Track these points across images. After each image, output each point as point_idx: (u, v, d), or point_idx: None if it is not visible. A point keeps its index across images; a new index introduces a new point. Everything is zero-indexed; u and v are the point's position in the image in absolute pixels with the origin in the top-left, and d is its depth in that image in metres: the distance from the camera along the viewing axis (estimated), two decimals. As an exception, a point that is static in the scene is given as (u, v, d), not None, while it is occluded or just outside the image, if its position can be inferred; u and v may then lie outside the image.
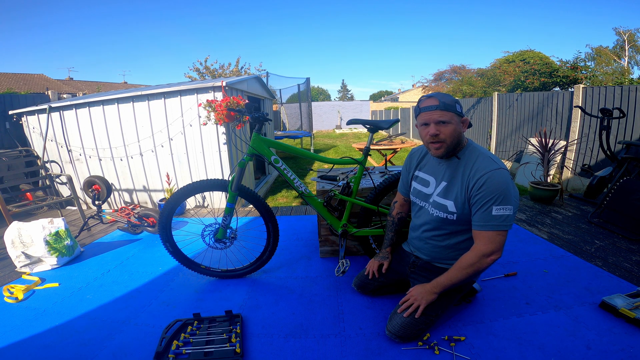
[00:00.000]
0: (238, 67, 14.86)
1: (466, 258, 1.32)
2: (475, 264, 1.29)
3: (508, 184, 1.24)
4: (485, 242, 1.27)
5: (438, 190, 1.41)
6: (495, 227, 1.24)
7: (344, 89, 61.27)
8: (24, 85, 15.65)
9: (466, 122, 1.33)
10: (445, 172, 1.39)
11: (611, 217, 2.61)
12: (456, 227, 1.39)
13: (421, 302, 1.37)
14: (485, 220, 1.26)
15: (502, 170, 1.26)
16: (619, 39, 17.32)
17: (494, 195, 1.23)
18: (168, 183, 3.53)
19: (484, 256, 1.27)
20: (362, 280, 1.73)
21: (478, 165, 1.29)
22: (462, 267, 1.32)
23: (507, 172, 1.27)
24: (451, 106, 1.27)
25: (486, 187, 1.24)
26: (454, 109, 1.28)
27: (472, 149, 1.36)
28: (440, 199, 1.39)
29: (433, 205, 1.42)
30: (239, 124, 3.26)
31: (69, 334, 1.53)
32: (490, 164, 1.27)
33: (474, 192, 1.27)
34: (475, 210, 1.29)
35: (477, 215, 1.28)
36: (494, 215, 1.24)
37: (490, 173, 1.24)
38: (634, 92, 3.68)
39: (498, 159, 1.31)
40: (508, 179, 1.25)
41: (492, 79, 11.18)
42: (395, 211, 1.73)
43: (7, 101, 3.95)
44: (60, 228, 2.29)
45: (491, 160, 1.29)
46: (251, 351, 1.38)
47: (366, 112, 21.74)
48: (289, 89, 11.49)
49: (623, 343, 1.32)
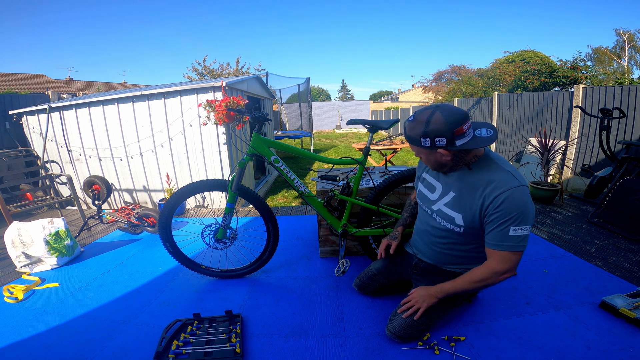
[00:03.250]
0: (238, 67, 14.86)
1: (477, 273, 1.26)
2: (487, 280, 1.24)
3: (527, 202, 1.14)
4: (499, 261, 1.20)
5: (446, 200, 1.33)
6: (511, 247, 1.16)
7: (344, 89, 61.28)
8: (24, 85, 15.64)
9: (446, 154, 1.17)
10: (455, 182, 1.29)
11: (611, 217, 2.61)
12: (462, 238, 1.33)
13: (422, 304, 1.36)
14: (500, 240, 1.17)
15: (522, 188, 1.15)
16: (619, 39, 17.33)
17: (513, 215, 1.13)
18: (168, 183, 3.53)
19: (497, 274, 1.21)
20: (363, 281, 1.73)
21: (496, 181, 1.17)
22: (472, 280, 1.27)
23: (527, 189, 1.17)
24: (414, 140, 1.19)
25: (505, 207, 1.14)
26: (417, 144, 1.18)
27: (489, 160, 1.24)
28: (448, 209, 1.31)
29: (438, 214, 1.36)
30: (239, 124, 3.26)
31: (69, 334, 1.53)
32: (510, 180, 1.16)
33: (491, 210, 1.17)
34: (490, 229, 1.20)
35: (492, 234, 1.19)
36: (510, 235, 1.15)
37: (510, 191, 1.13)
38: (634, 92, 3.68)
39: (518, 173, 1.20)
40: (528, 197, 1.15)
41: (492, 79, 11.18)
42: (413, 195, 1.70)
43: (7, 101, 3.95)
44: (60, 228, 2.29)
45: (511, 175, 1.17)
46: (251, 351, 1.38)
47: (366, 112, 21.74)
48: (289, 89, 11.49)
49: (623, 343, 1.32)
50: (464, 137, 1.14)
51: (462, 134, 1.14)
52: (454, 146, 1.14)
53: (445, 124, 1.12)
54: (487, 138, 1.18)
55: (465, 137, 1.15)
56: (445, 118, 1.12)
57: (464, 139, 1.15)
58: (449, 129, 1.12)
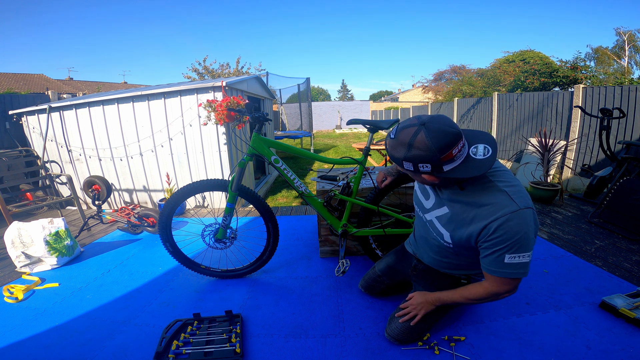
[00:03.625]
0: (238, 67, 14.86)
1: (474, 291, 1.21)
2: (484, 299, 1.19)
3: (528, 228, 1.01)
4: (496, 285, 1.13)
5: (438, 214, 1.23)
6: (508, 274, 1.07)
7: (344, 89, 61.29)
8: (24, 85, 15.64)
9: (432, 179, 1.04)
10: (447, 198, 1.17)
11: (611, 217, 2.61)
12: (456, 250, 1.24)
13: (420, 311, 1.35)
14: (495, 267, 1.08)
15: (519, 213, 1.00)
16: (619, 39, 17.33)
17: (507, 244, 1.02)
18: (168, 183, 3.53)
19: (496, 295, 1.16)
20: (368, 282, 1.73)
21: (490, 205, 1.04)
22: (468, 297, 1.23)
23: (529, 212, 1.01)
24: (396, 160, 1.05)
25: (498, 235, 1.02)
26: (400, 165, 1.05)
27: (485, 180, 1.08)
28: (439, 224, 1.23)
29: (430, 225, 1.29)
30: (239, 124, 3.26)
31: (69, 334, 1.53)
32: (505, 203, 1.01)
33: (483, 237, 1.06)
34: (484, 254, 1.10)
35: (487, 260, 1.09)
36: (506, 263, 1.05)
37: (504, 218, 1.00)
38: (634, 92, 3.68)
39: (519, 193, 1.04)
40: (528, 221, 1.01)
41: (492, 79, 11.18)
42: None
43: (7, 101, 3.95)
44: (60, 228, 2.29)
45: (507, 197, 1.02)
46: (251, 351, 1.38)
47: (366, 112, 21.74)
48: (289, 89, 11.50)
49: (623, 343, 1.32)
50: (453, 162, 0.98)
51: (451, 159, 0.97)
52: (440, 172, 0.99)
53: (429, 150, 0.95)
54: (481, 162, 0.99)
55: (456, 160, 0.98)
56: (430, 142, 0.94)
57: (454, 163, 0.98)
58: (434, 156, 0.95)
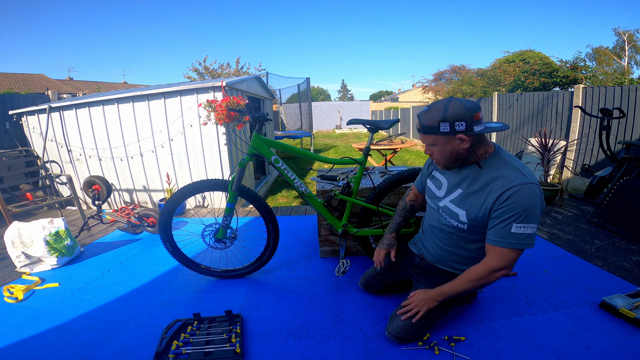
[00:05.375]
0: (238, 67, 14.87)
1: (475, 271, 1.26)
2: (484, 278, 1.24)
3: (536, 200, 1.13)
4: (496, 258, 1.20)
5: (452, 197, 1.33)
6: (512, 244, 1.16)
7: (344, 89, 61.30)
8: (24, 85, 15.64)
9: (465, 139, 1.16)
10: (463, 179, 1.29)
11: (611, 217, 2.61)
12: (467, 235, 1.33)
13: (422, 308, 1.36)
14: (501, 237, 1.17)
15: (530, 185, 1.13)
16: (619, 39, 17.34)
17: (517, 212, 1.13)
18: (168, 183, 3.53)
19: (493, 271, 1.22)
20: (368, 280, 1.74)
21: (505, 177, 1.17)
22: (470, 279, 1.27)
23: (537, 188, 1.14)
24: (431, 128, 1.16)
25: (510, 203, 1.13)
26: (436, 131, 1.16)
27: (498, 157, 1.23)
28: (454, 206, 1.31)
29: (444, 211, 1.36)
30: (239, 124, 3.26)
31: (69, 334, 1.53)
32: (518, 176, 1.15)
33: (496, 206, 1.16)
34: (492, 225, 1.19)
35: (494, 230, 1.19)
36: (512, 232, 1.15)
37: (517, 188, 1.13)
38: (634, 92, 3.68)
39: (529, 171, 1.19)
40: (537, 195, 1.13)
41: (492, 79, 11.16)
42: (409, 197, 1.67)
43: (7, 101, 3.95)
44: (60, 228, 2.29)
45: (519, 172, 1.16)
46: (251, 351, 1.38)
47: (366, 112, 21.74)
48: (288, 89, 11.50)
49: (623, 343, 1.32)
50: (480, 124, 1.16)
51: (479, 120, 1.15)
52: (472, 131, 1.14)
53: (464, 109, 1.13)
54: (499, 126, 1.22)
55: (481, 124, 1.17)
56: (463, 104, 1.14)
57: (481, 126, 1.16)
58: (468, 113, 1.13)
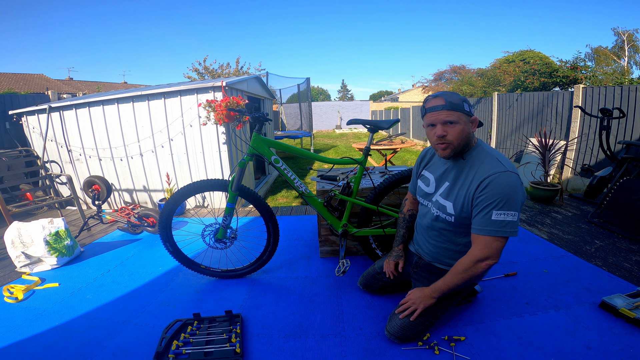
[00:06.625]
0: (238, 67, 14.87)
1: (461, 263, 1.29)
2: (470, 269, 1.26)
3: (514, 188, 1.18)
4: (480, 247, 1.24)
5: (441, 191, 1.38)
6: (493, 232, 1.20)
7: (344, 89, 61.28)
8: (24, 85, 15.64)
9: (475, 122, 1.27)
10: (449, 172, 1.35)
11: (611, 217, 2.61)
12: (456, 229, 1.36)
13: (419, 305, 1.36)
14: (483, 225, 1.22)
15: (508, 173, 1.19)
16: (618, 39, 17.34)
17: (495, 199, 1.18)
18: (168, 183, 3.53)
19: (478, 261, 1.24)
20: (367, 279, 1.75)
21: (484, 167, 1.23)
22: (458, 272, 1.30)
23: (515, 176, 1.20)
24: (458, 105, 1.21)
25: (488, 191, 1.19)
26: (462, 109, 1.21)
27: (480, 149, 1.29)
28: (442, 199, 1.36)
29: (435, 205, 1.40)
30: (239, 124, 3.26)
31: (69, 334, 1.53)
32: (496, 165, 1.21)
33: (477, 194, 1.22)
34: (475, 213, 1.24)
35: (477, 219, 1.24)
36: (493, 220, 1.19)
37: (495, 176, 1.19)
38: (634, 92, 3.68)
39: (507, 161, 1.25)
40: (514, 182, 1.18)
41: (492, 79, 11.16)
42: (406, 208, 1.70)
43: (7, 101, 3.95)
44: (60, 228, 2.29)
45: (498, 162, 1.23)
46: (251, 351, 1.38)
47: (366, 112, 21.73)
48: (288, 89, 11.50)
49: (623, 343, 1.32)
50: None
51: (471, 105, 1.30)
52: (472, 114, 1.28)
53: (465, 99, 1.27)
54: None
55: None
56: None
57: None
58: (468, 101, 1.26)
